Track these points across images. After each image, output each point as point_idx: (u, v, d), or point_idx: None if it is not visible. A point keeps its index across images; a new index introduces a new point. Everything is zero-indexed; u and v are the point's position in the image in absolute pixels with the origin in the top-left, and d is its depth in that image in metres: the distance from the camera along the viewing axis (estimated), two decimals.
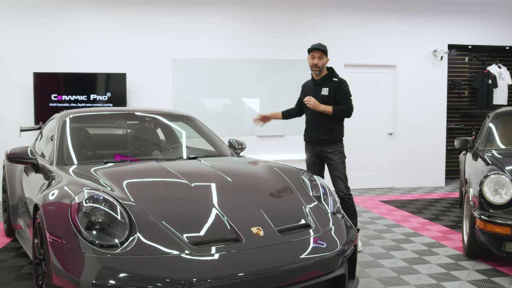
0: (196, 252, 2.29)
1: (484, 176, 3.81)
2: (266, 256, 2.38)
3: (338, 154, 4.44)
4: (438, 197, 7.32)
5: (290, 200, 2.95)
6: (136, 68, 7.44)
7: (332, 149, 4.43)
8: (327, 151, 4.44)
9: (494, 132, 5.01)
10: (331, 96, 4.43)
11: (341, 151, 4.48)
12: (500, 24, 8.66)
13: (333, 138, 4.45)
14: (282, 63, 7.85)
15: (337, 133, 4.49)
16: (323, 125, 4.45)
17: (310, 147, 4.58)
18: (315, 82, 4.57)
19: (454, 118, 9.13)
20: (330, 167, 4.46)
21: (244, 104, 7.84)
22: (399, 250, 4.33)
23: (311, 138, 4.55)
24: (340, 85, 4.45)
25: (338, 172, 4.40)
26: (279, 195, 3.02)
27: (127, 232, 2.32)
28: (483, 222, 3.62)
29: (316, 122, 4.49)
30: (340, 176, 4.38)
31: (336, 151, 4.44)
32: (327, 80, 4.50)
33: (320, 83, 4.52)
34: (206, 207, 2.67)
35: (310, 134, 4.57)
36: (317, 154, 4.52)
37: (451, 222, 5.54)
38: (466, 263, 3.97)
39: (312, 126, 4.54)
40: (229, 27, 7.79)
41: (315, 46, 4.44)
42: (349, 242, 2.78)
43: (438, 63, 8.41)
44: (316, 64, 4.44)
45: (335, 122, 4.47)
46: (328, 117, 4.42)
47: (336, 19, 8.06)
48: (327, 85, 4.48)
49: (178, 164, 3.38)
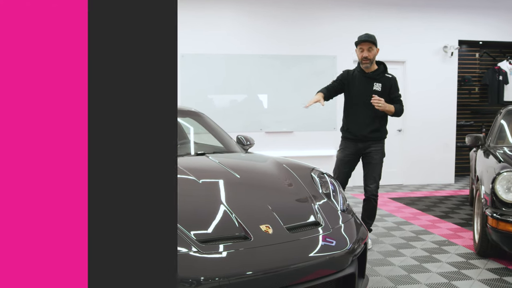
0: (204, 250, 2.25)
1: (497, 174, 3.75)
2: (275, 255, 2.34)
3: (380, 153, 4.22)
4: (448, 195, 7.25)
5: (299, 197, 2.91)
6: None
7: (376, 147, 4.19)
8: (371, 150, 4.19)
9: (506, 129, 4.95)
10: (385, 92, 4.16)
11: (383, 150, 4.27)
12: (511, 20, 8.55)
13: (380, 136, 4.23)
14: (291, 59, 7.79)
15: (384, 131, 4.28)
16: (373, 122, 4.17)
17: (351, 144, 4.25)
18: (366, 75, 4.20)
19: (464, 114, 9.04)
20: (368, 165, 4.22)
21: (252, 100, 7.79)
22: (409, 248, 4.28)
23: (356, 135, 4.21)
24: (395, 82, 4.25)
25: (375, 172, 4.17)
26: (288, 192, 2.97)
27: None
28: (496, 220, 3.56)
29: (366, 118, 4.17)
30: (375, 176, 4.18)
31: (379, 150, 4.21)
32: (381, 75, 4.21)
33: (373, 77, 4.19)
34: (214, 204, 2.64)
35: (356, 130, 4.21)
36: (358, 152, 4.24)
37: (461, 220, 5.48)
38: (477, 261, 3.91)
39: (360, 122, 4.19)
40: (238, 22, 7.74)
41: (363, 38, 4.13)
42: (359, 240, 2.74)
43: (449, 59, 8.32)
44: (366, 57, 4.11)
45: (384, 120, 4.26)
46: (378, 114, 4.15)
47: (344, 14, 7.99)
48: (380, 81, 4.17)
49: (186, 160, 3.35)
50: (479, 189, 4.12)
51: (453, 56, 8.31)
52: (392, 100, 4.17)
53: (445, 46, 8.26)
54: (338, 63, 7.82)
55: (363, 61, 4.14)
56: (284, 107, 7.76)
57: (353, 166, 4.31)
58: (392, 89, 4.20)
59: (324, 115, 7.85)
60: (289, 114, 7.78)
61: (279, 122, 7.81)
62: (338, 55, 7.86)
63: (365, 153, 4.22)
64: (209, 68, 7.59)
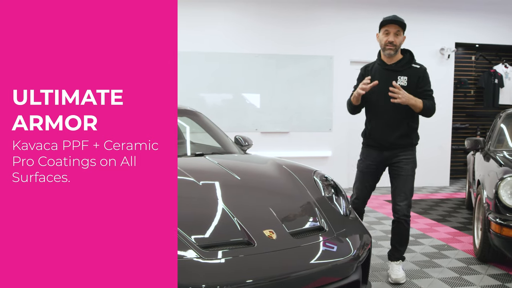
0: (206, 255, 2.16)
1: (500, 179, 3.69)
2: (280, 261, 2.26)
3: (411, 163, 3.44)
4: (444, 197, 7.20)
5: (302, 201, 2.82)
6: None
7: (406, 156, 3.41)
8: (399, 158, 3.41)
9: (506, 133, 4.90)
10: (412, 87, 3.35)
11: (414, 159, 3.48)
12: (508, 23, 8.52)
13: (410, 142, 3.46)
14: (287, 58, 7.70)
15: (415, 136, 3.51)
16: (400, 126, 3.39)
17: (375, 153, 3.47)
18: (387, 67, 3.41)
19: (459, 117, 9.01)
20: (396, 179, 3.42)
21: (246, 99, 7.70)
22: (408, 253, 4.21)
23: (380, 142, 3.43)
24: (425, 73, 3.41)
25: (405, 186, 3.38)
26: (290, 196, 2.89)
27: None
28: (499, 226, 3.49)
29: (390, 121, 3.38)
30: (406, 193, 3.39)
31: (410, 159, 3.43)
32: (406, 66, 3.40)
33: (396, 69, 3.39)
34: (215, 207, 2.55)
35: (379, 136, 3.43)
36: (382, 162, 3.47)
37: (458, 223, 5.42)
38: (478, 267, 3.85)
39: (384, 126, 3.40)
40: (234, 20, 7.64)
41: (390, 18, 3.35)
42: (364, 245, 2.66)
43: (445, 62, 8.28)
44: (392, 42, 3.32)
45: (414, 122, 3.47)
46: (405, 115, 3.37)
47: (342, 14, 7.91)
48: (405, 73, 3.37)
49: (184, 161, 3.25)
50: (480, 193, 4.06)
51: (449, 59, 8.27)
52: (419, 95, 3.35)
53: (442, 49, 8.22)
54: (335, 64, 7.76)
55: (387, 47, 3.35)
56: (279, 107, 7.68)
57: (377, 178, 3.53)
58: (420, 82, 3.37)
59: (320, 116, 7.79)
60: (285, 115, 7.70)
61: (275, 122, 7.72)
62: (334, 56, 7.78)
63: (392, 163, 3.44)
64: (204, 66, 7.46)
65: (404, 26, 3.37)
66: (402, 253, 3.50)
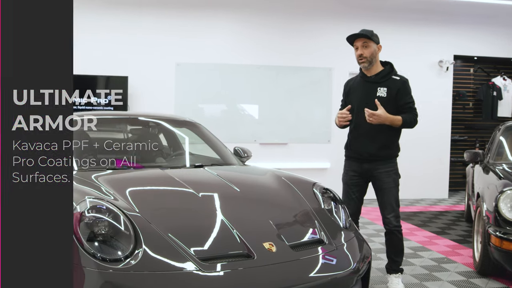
0: (205, 268, 2.15)
1: (499, 192, 3.68)
2: (279, 274, 2.24)
3: (393, 175, 3.43)
4: (443, 210, 7.19)
5: (302, 213, 2.81)
6: (138, 71, 7.29)
7: (386, 168, 3.42)
8: (380, 171, 3.41)
9: (505, 145, 4.90)
10: (391, 99, 3.37)
11: (396, 171, 3.47)
12: (506, 36, 8.58)
13: (390, 154, 3.45)
14: (287, 70, 7.72)
15: (395, 147, 3.49)
16: (379, 138, 3.39)
17: (355, 165, 3.49)
18: (367, 79, 3.46)
19: (458, 129, 9.02)
20: (380, 191, 3.45)
21: (245, 110, 7.71)
22: (408, 265, 4.19)
23: (360, 154, 3.45)
24: (404, 85, 3.41)
25: (389, 198, 3.41)
26: (290, 208, 2.87)
27: (132, 245, 2.18)
28: (499, 239, 3.48)
29: (371, 132, 3.39)
30: (392, 204, 3.41)
31: (390, 171, 3.42)
32: (385, 78, 3.42)
33: (375, 81, 3.43)
34: (215, 219, 2.53)
35: (359, 148, 3.45)
36: (364, 174, 3.48)
37: (458, 236, 5.41)
38: (478, 280, 3.83)
39: (364, 138, 3.43)
40: (235, 32, 7.67)
41: (353, 33, 3.42)
42: (364, 258, 2.65)
43: (444, 74, 8.31)
44: (361, 55, 3.38)
45: (395, 134, 3.47)
46: (386, 126, 3.36)
47: (341, 26, 7.92)
48: (385, 84, 3.40)
49: (183, 172, 3.24)
50: (480, 206, 4.05)
51: (448, 71, 8.30)
52: (400, 108, 3.39)
53: (441, 61, 8.25)
54: (334, 75, 7.77)
55: (360, 61, 3.42)
56: (278, 119, 7.68)
57: (362, 190, 3.55)
58: (400, 94, 3.38)
59: (319, 127, 7.79)
60: (283, 126, 7.70)
61: (274, 134, 7.72)
62: (334, 67, 7.81)
63: (374, 177, 3.45)
64: (204, 77, 7.47)
65: (372, 37, 3.38)
66: (399, 264, 3.50)
